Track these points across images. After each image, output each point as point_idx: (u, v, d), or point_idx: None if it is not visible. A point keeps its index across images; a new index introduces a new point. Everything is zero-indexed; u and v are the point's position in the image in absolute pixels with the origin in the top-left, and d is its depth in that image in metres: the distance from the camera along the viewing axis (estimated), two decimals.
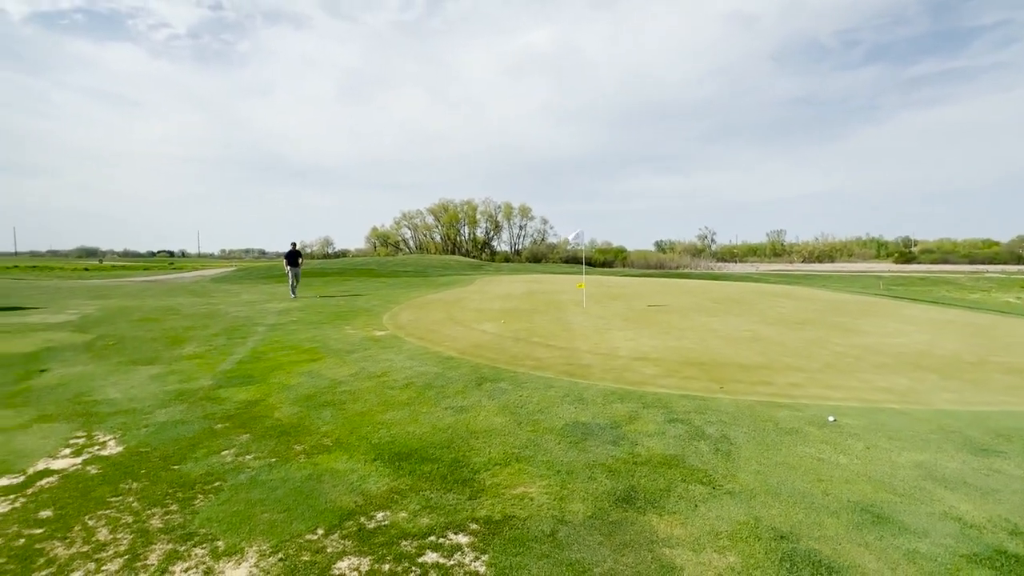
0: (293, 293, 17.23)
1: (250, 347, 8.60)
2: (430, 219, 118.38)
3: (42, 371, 7.03)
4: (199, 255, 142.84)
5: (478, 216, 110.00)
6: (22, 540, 2.94)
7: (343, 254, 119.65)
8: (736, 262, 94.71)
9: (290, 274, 17.32)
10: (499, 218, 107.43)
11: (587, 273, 34.35)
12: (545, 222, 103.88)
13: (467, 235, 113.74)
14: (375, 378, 6.61)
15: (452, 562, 2.73)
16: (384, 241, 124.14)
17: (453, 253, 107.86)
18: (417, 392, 5.97)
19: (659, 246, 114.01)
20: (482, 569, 2.67)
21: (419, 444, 4.38)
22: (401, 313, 13.10)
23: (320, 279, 29.16)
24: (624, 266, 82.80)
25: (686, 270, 62.07)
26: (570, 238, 15.03)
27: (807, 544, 2.92)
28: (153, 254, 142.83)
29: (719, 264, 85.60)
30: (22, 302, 14.89)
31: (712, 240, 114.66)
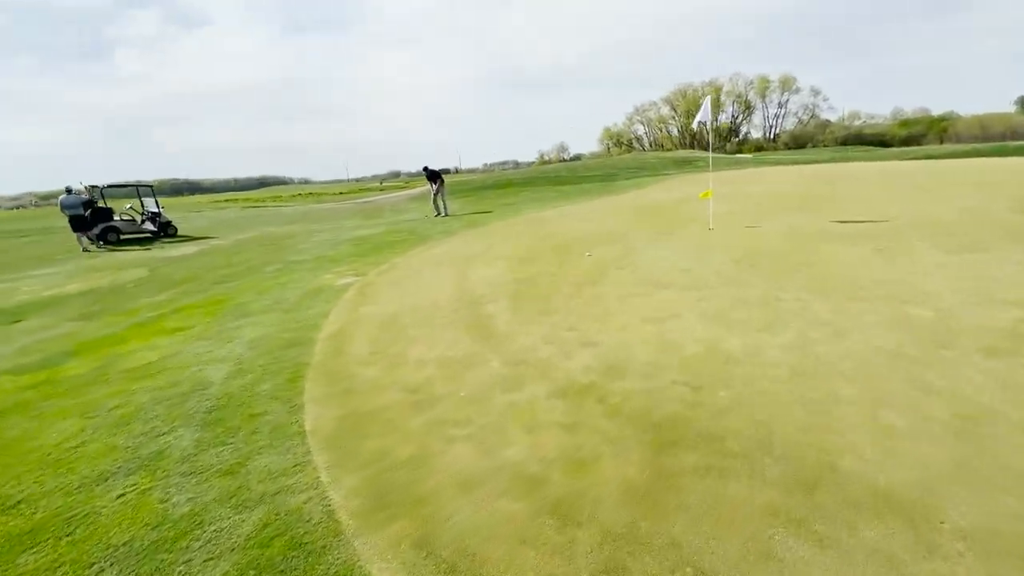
0: (438, 211, 16.59)
1: (196, 299, 7.53)
2: (665, 110, 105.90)
3: (15, 322, 7.33)
4: (456, 171, 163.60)
5: (723, 98, 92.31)
6: None
7: (577, 158, 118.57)
8: None
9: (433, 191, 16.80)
10: (750, 97, 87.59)
11: (839, 159, 24.16)
12: (816, 94, 79.76)
13: (709, 124, 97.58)
14: (96, 384, 4.45)
15: None
16: (617, 140, 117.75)
17: (692, 147, 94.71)
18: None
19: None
20: None
21: None
22: (442, 245, 10.39)
23: (497, 192, 28.12)
24: (941, 141, 57.39)
25: None
26: (696, 120, 9.17)
27: None
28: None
29: None
30: (222, 232, 17.98)
31: None
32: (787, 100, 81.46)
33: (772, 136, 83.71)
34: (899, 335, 3.88)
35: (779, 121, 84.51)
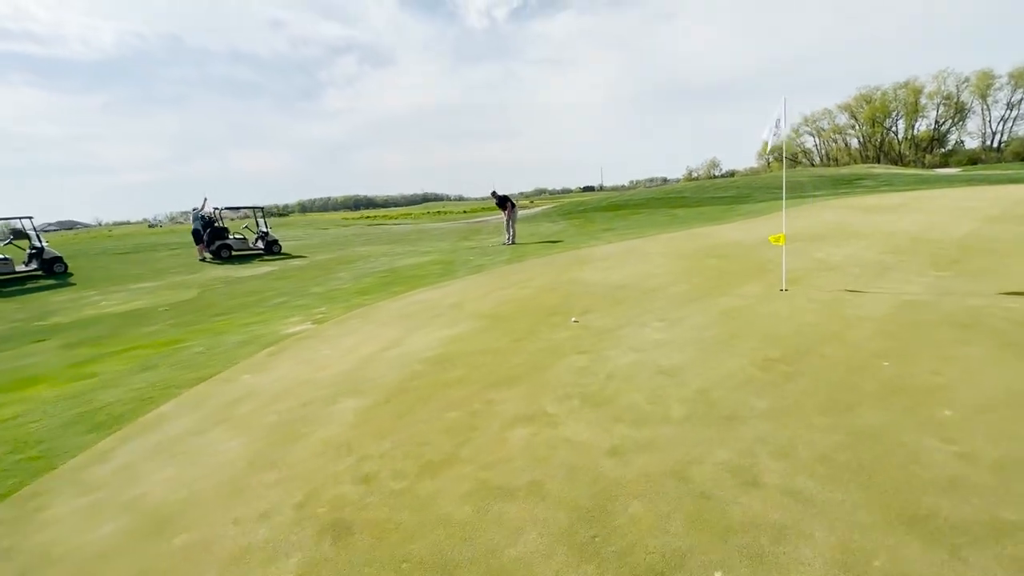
0: (507, 240, 15.65)
1: (170, 335, 7.38)
2: (842, 118, 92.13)
3: (38, 341, 7.95)
4: (600, 187, 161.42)
5: (923, 101, 76.16)
6: None
7: (731, 175, 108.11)
8: None
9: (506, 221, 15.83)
10: (963, 97, 70.55)
11: None
12: None
13: (901, 132, 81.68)
14: None
15: None
16: (779, 155, 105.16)
17: (876, 160, 79.89)
18: None
19: None
20: None
21: None
22: (447, 287, 9.02)
23: (608, 214, 26.05)
24: None
25: None
26: (763, 135, 6.37)
27: None
28: (568, 191, 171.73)
29: None
30: (317, 251, 19.21)
31: None
32: (1020, 100, 63.32)
33: (996, 144, 65.92)
34: None
35: (1007, 126, 66.15)
